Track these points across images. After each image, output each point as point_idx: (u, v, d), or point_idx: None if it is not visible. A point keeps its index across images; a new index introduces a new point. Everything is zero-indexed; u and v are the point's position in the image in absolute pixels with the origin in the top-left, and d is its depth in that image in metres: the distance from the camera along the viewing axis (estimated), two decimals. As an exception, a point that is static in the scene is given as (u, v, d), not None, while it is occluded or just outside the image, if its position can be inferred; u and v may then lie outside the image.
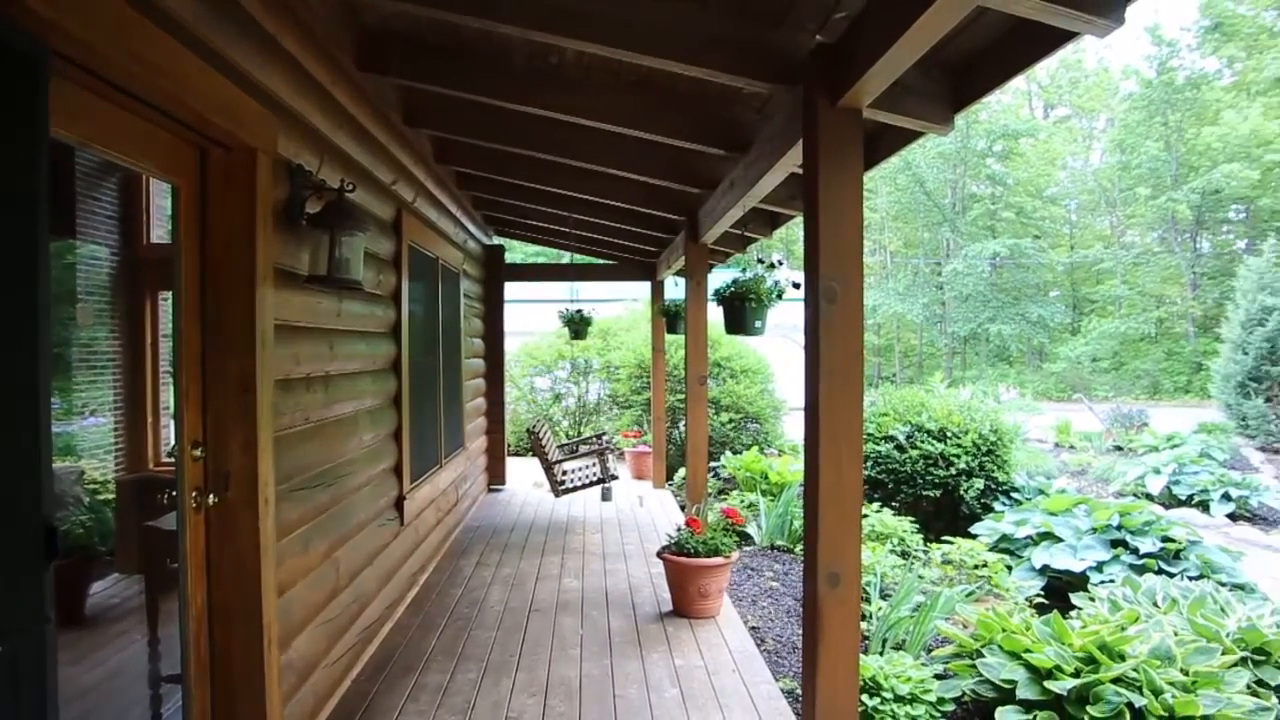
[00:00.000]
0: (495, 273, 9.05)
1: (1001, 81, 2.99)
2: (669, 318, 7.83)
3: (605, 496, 7.64)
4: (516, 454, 11.58)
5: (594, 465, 7.62)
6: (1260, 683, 4.10)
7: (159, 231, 3.03)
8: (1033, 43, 2.65)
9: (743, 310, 4.38)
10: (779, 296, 4.45)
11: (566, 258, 9.93)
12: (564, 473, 7.56)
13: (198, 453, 2.65)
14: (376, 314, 4.46)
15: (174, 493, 2.62)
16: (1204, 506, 9.66)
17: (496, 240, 9.27)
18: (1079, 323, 33.66)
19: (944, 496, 7.23)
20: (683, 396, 7.44)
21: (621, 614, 4.96)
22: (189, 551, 2.62)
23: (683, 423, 7.56)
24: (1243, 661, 4.17)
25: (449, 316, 6.67)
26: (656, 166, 5.17)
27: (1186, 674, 3.86)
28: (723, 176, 4.86)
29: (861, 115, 2.79)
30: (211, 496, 2.68)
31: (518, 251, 26.20)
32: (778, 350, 12.36)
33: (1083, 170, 38.69)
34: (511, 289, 9.37)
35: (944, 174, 33.65)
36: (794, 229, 6.85)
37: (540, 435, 7.21)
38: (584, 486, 7.39)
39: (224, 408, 2.71)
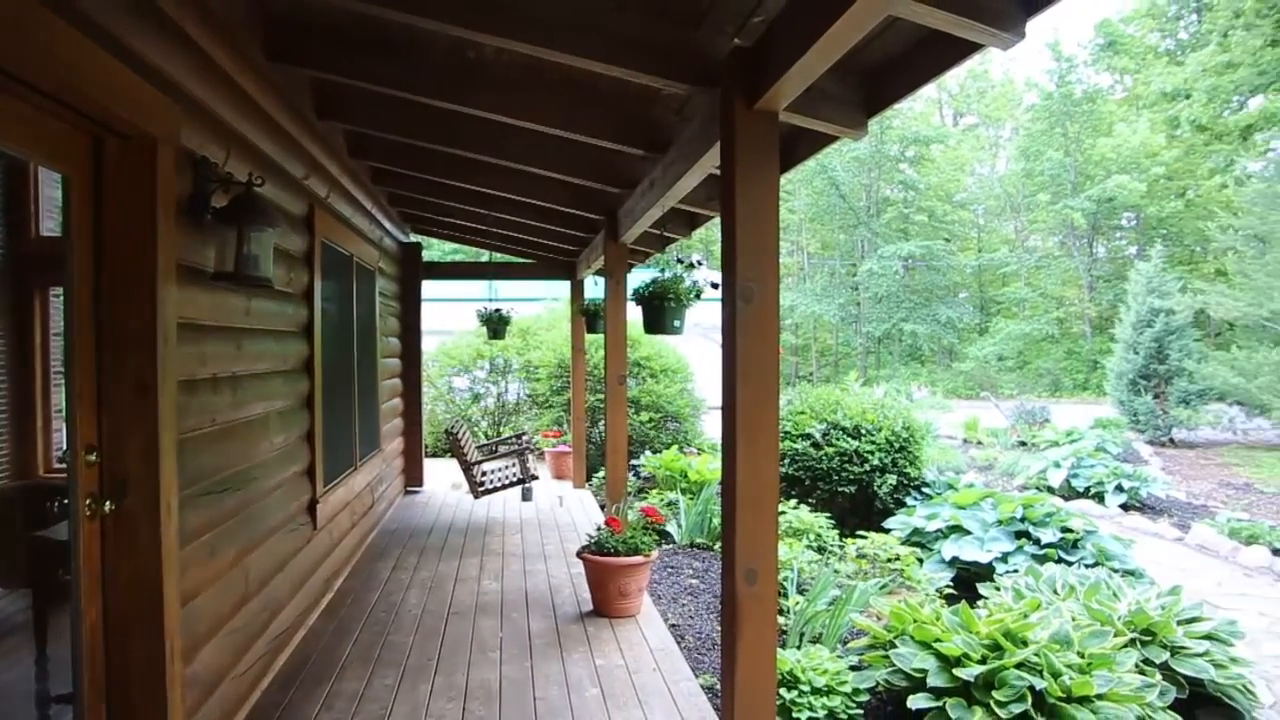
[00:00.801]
0: (412, 271, 8.88)
1: (912, 89, 3.09)
2: (589, 317, 7.81)
3: (525, 497, 7.58)
4: (434, 455, 11.40)
5: (514, 466, 7.55)
6: (1147, 661, 4.34)
7: (49, 224, 2.87)
8: (941, 53, 2.74)
9: (661, 310, 4.41)
10: (697, 296, 4.49)
11: (486, 256, 9.81)
12: (483, 473, 7.48)
13: (92, 457, 2.51)
14: (287, 312, 4.32)
15: (65, 500, 2.48)
16: (1100, 498, 10.16)
17: (414, 238, 9.10)
18: (986, 323, 34.97)
19: (859, 492, 7.41)
20: (603, 396, 7.44)
21: (542, 615, 4.93)
22: (82, 562, 2.47)
23: (603, 422, 7.56)
24: (1132, 642, 4.40)
25: (364, 315, 6.51)
26: (577, 165, 5.16)
27: (1083, 656, 4.06)
28: (642, 176, 4.87)
29: (778, 118, 2.83)
30: (108, 503, 2.54)
31: (436, 249, 25.80)
32: (698, 350, 12.48)
33: (989, 176, 40.24)
34: (429, 288, 9.21)
35: (859, 178, 34.52)
36: (713, 229, 6.93)
37: (459, 436, 7.11)
38: (504, 487, 7.33)
39: (121, 410, 2.57)
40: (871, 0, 2.09)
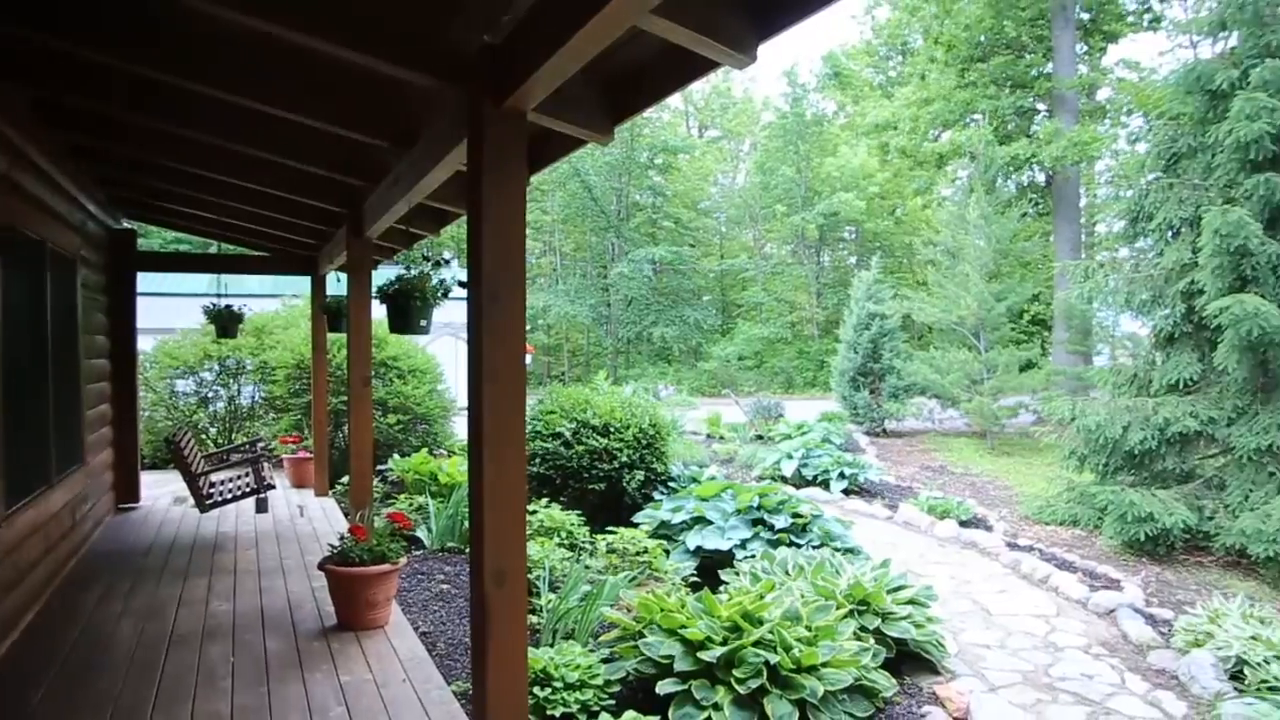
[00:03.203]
0: (124, 261, 7.90)
1: (656, 99, 3.21)
2: (331, 315, 7.39)
3: (260, 508, 7.01)
4: (154, 466, 10.27)
5: (247, 475, 6.98)
6: (863, 628, 4.84)
7: None
8: (682, 67, 2.87)
9: (407, 308, 4.26)
10: (445, 295, 4.39)
11: (215, 247, 8.98)
12: (211, 485, 6.84)
13: None
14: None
15: None
16: (826, 485, 11.15)
17: (127, 224, 8.13)
18: (728, 325, 37.24)
19: (609, 489, 7.60)
20: (347, 398, 7.06)
21: (280, 634, 4.59)
22: None
23: (347, 426, 7.18)
24: (851, 613, 4.88)
25: (61, 310, 5.71)
26: (317, 154, 4.85)
27: (810, 629, 4.44)
28: (388, 170, 4.69)
29: (526, 118, 2.83)
30: None
31: (155, 238, 23.29)
32: (448, 350, 12.23)
33: (731, 187, 42.94)
34: (146, 280, 8.28)
35: (610, 182, 35.44)
36: (464, 227, 6.80)
37: (182, 444, 6.44)
38: (236, 499, 6.74)
39: None
40: (616, 10, 2.15)
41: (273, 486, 6.99)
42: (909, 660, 4.98)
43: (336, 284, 8.02)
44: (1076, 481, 9.67)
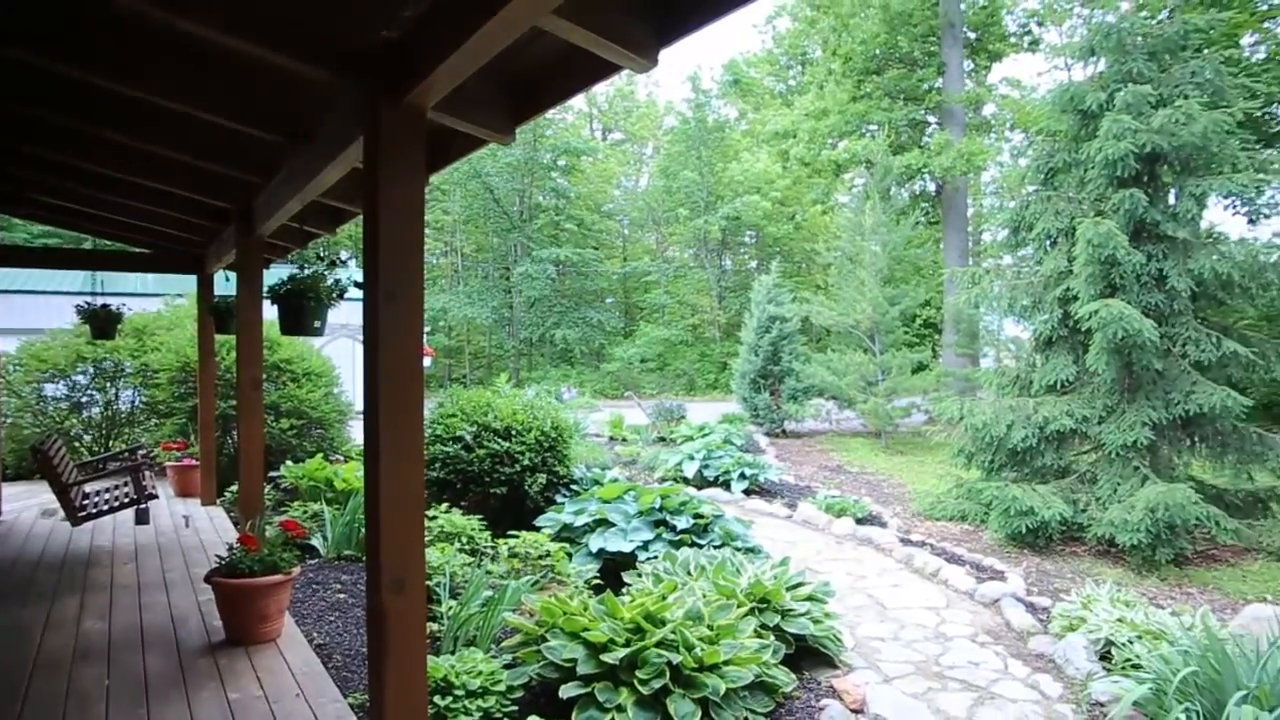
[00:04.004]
0: (-17, 257, 7.38)
1: (558, 100, 3.20)
2: (219, 316, 7.07)
3: (141, 519, 6.63)
4: (18, 478, 9.61)
5: (126, 484, 6.61)
6: (764, 625, 4.93)
7: None
8: (584, 69, 2.87)
9: (301, 309, 4.12)
10: (341, 296, 4.27)
11: (89, 243, 8.46)
12: (85, 496, 6.45)
13: None
14: None
15: None
16: (727, 485, 11.31)
17: (-13, 217, 7.59)
18: (631, 327, 37.41)
19: (511, 492, 7.52)
20: (236, 403, 6.76)
21: (162, 653, 4.35)
22: None
23: (236, 431, 6.87)
24: (752, 611, 4.97)
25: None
26: (204, 147, 4.63)
27: (712, 629, 4.49)
28: (281, 165, 4.51)
29: (425, 116, 2.78)
30: None
31: (20, 231, 21.81)
32: (344, 351, 11.88)
33: (634, 190, 43.22)
34: (7, 276, 7.73)
35: (513, 183, 35.12)
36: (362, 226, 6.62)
37: (51, 453, 6.04)
38: (113, 510, 6.37)
39: None
40: (517, 9, 2.14)
41: (154, 496, 6.65)
42: (808, 655, 5.10)
43: (225, 283, 7.68)
44: (965, 478, 10.12)
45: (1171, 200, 9.24)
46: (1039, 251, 10.06)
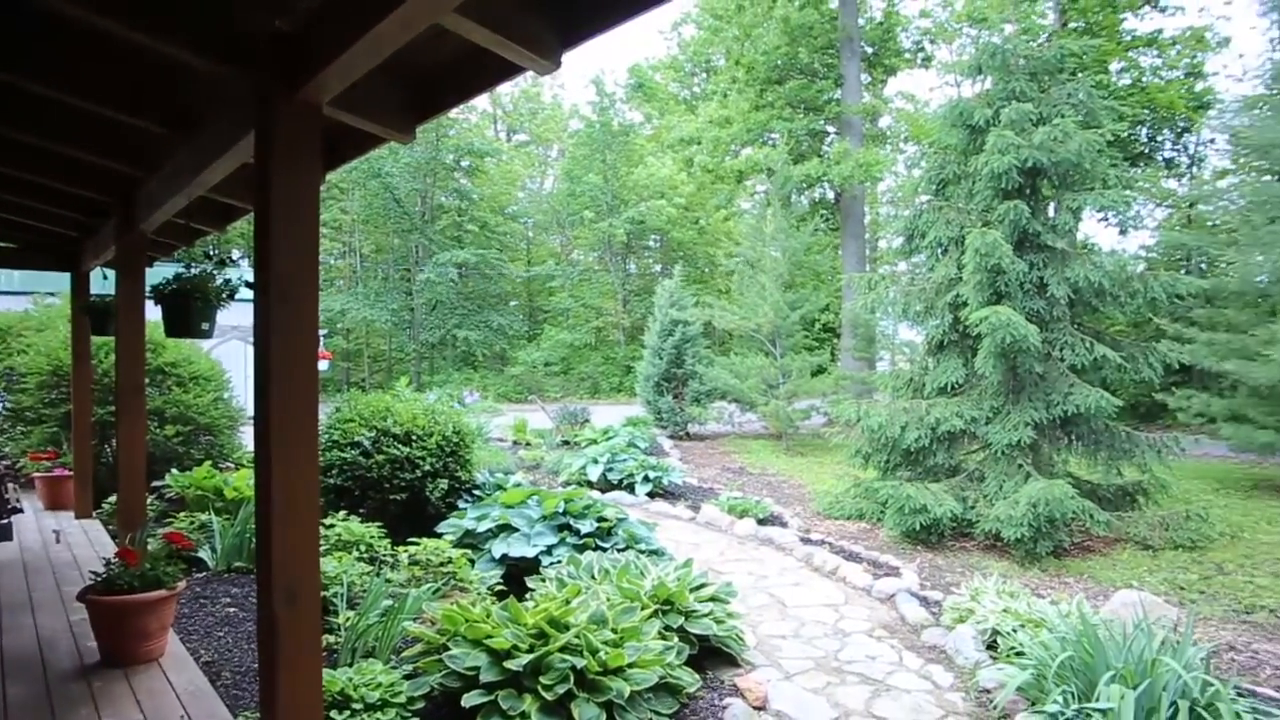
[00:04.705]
0: None
1: (460, 100, 3.15)
2: (96, 316, 6.67)
3: (3, 535, 6.17)
4: None
5: (-12, 497, 6.15)
6: (668, 627, 4.96)
7: None
8: (487, 69, 2.83)
9: (187, 310, 3.93)
10: (231, 296, 4.09)
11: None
12: (-57, 509, 5.97)
13: None
14: None
15: None
16: (631, 488, 11.35)
17: None
18: (535, 331, 37.17)
19: (411, 499, 7.35)
20: (115, 409, 6.38)
21: (26, 679, 4.05)
22: None
23: (116, 439, 6.49)
24: (656, 613, 4.99)
25: None
26: (81, 136, 4.35)
27: (616, 632, 4.49)
28: (167, 158, 4.29)
29: (321, 112, 2.69)
30: None
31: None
32: (236, 355, 11.40)
33: (539, 192, 42.96)
34: None
35: (414, 184, 34.41)
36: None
37: (-96, 464, 5.58)
38: (-27, 524, 5.92)
39: None
40: (415, 6, 2.10)
41: (19, 510, 6.22)
42: (711, 655, 5.16)
43: (104, 282, 7.25)
44: (862, 478, 10.43)
45: (1051, 213, 9.79)
46: (931, 259, 10.47)
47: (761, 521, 9.63)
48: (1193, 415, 13.66)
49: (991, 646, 5.54)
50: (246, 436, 10.44)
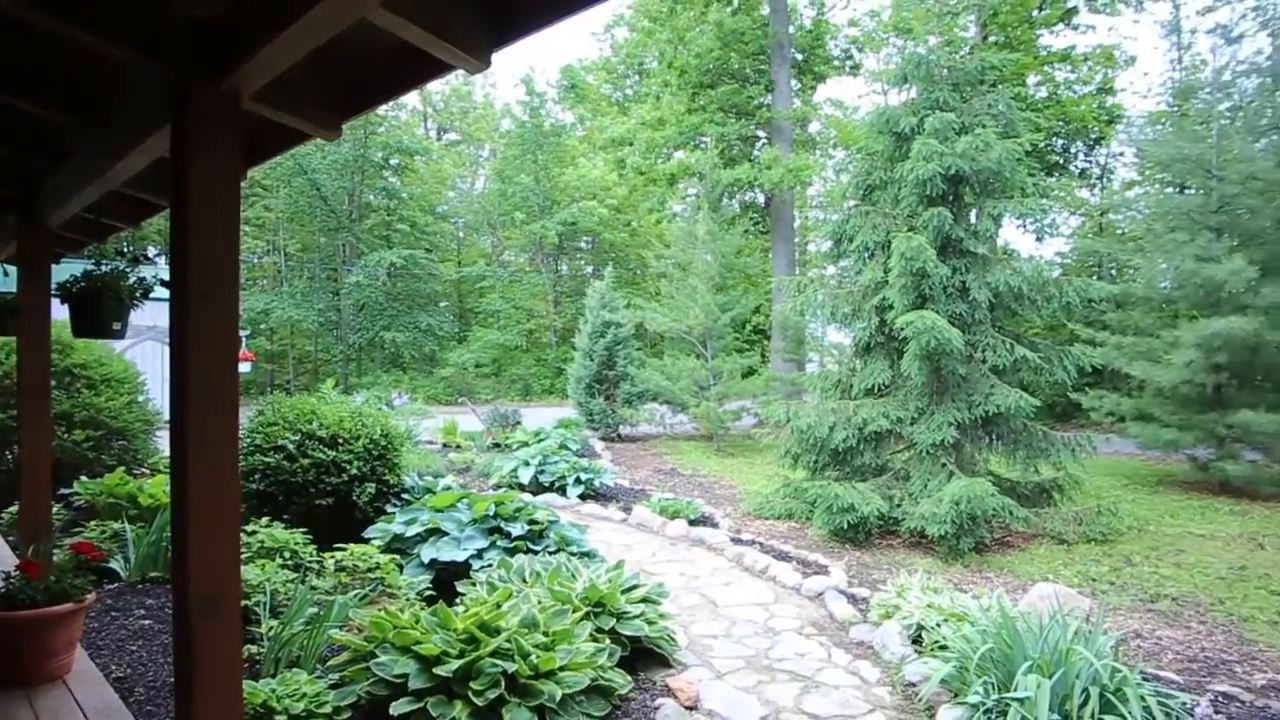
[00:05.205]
0: None
1: (388, 97, 3.09)
2: (-4, 314, 6.33)
3: (-102, 546, 5.84)
4: None
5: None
6: (599, 629, 4.95)
7: None
8: (415, 67, 2.77)
9: (97, 309, 3.76)
10: (145, 295, 3.93)
11: None
12: None
13: None
14: None
15: None
16: (562, 490, 11.30)
17: None
18: (465, 332, 36.72)
19: (338, 503, 7.18)
20: (17, 413, 6.05)
21: (-80, 697, 3.83)
22: None
23: (17, 445, 6.15)
24: (587, 615, 4.98)
25: None
26: (-23, 124, 4.13)
27: (548, 635, 4.46)
28: (75, 149, 4.09)
29: (242, 105, 2.60)
30: None
31: None
32: (153, 356, 10.97)
33: (469, 192, 42.50)
34: None
35: (341, 181, 33.63)
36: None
37: None
38: None
39: None
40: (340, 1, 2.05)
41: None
42: (644, 656, 5.16)
43: (3, 278, 6.88)
44: (791, 478, 10.59)
45: (973, 219, 10.10)
46: (858, 263, 10.68)
47: (693, 522, 9.68)
48: (1104, 415, 14.29)
49: (917, 641, 5.68)
50: (163, 441, 10.05)
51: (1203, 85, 15.46)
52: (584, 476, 11.47)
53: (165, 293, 3.24)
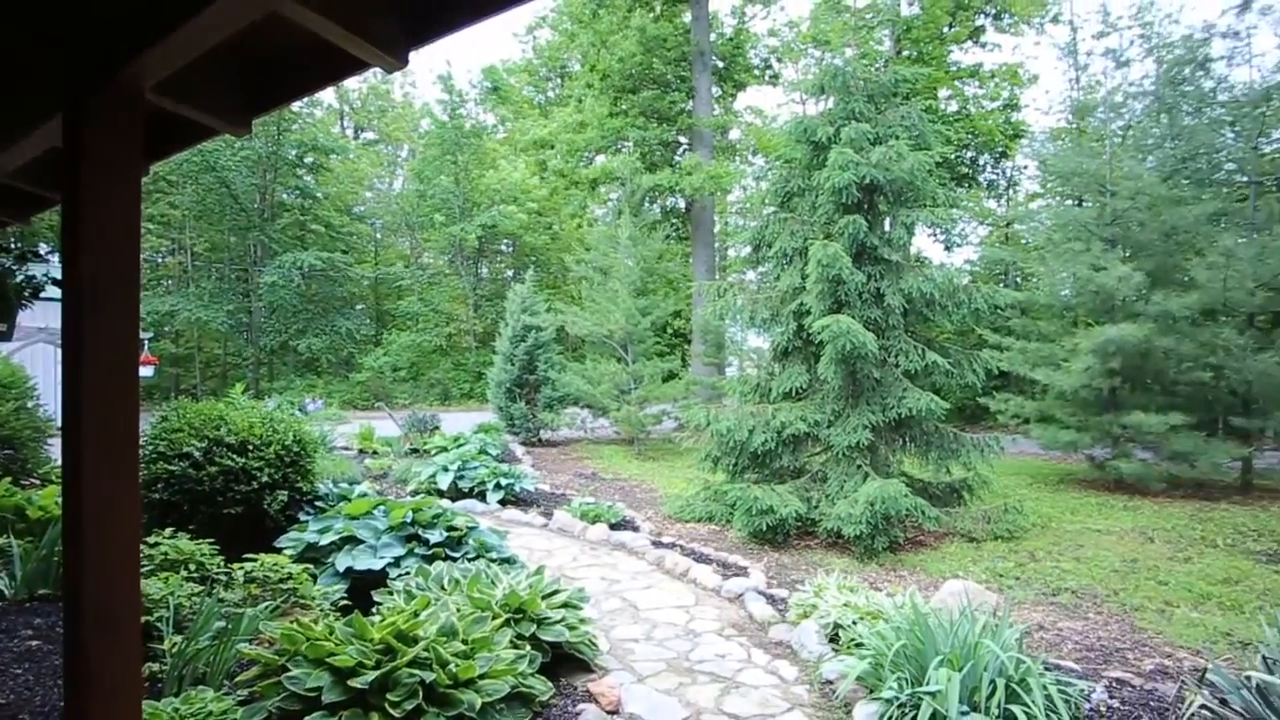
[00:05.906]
0: None
1: (301, 93, 3.00)
2: (-127, 316, 5.92)
3: None
4: None
5: None
6: (520, 636, 4.90)
7: None
8: (330, 63, 2.71)
9: (-17, 309, 3.54)
10: (35, 295, 3.72)
11: None
12: None
13: None
14: None
15: None
16: (482, 496, 11.16)
17: None
18: (382, 335, 35.94)
19: (248, 512, 6.92)
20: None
21: None
22: None
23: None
24: (507, 622, 4.93)
25: None
26: None
27: (467, 643, 4.39)
28: (-43, 141, 3.85)
29: (143, 98, 2.48)
30: None
31: None
32: (44, 359, 10.39)
33: (387, 193, 41.62)
34: None
35: (253, 179, 32.51)
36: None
37: None
38: None
39: None
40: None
41: None
42: (565, 662, 5.13)
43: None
44: (711, 481, 10.69)
45: (887, 227, 10.38)
46: (777, 268, 10.86)
47: (614, 526, 9.68)
48: (1010, 417, 14.89)
49: (834, 639, 5.80)
50: (54, 449, 9.54)
51: (1097, 105, 16.32)
52: (504, 482, 11.35)
53: (57, 292, 3.07)
